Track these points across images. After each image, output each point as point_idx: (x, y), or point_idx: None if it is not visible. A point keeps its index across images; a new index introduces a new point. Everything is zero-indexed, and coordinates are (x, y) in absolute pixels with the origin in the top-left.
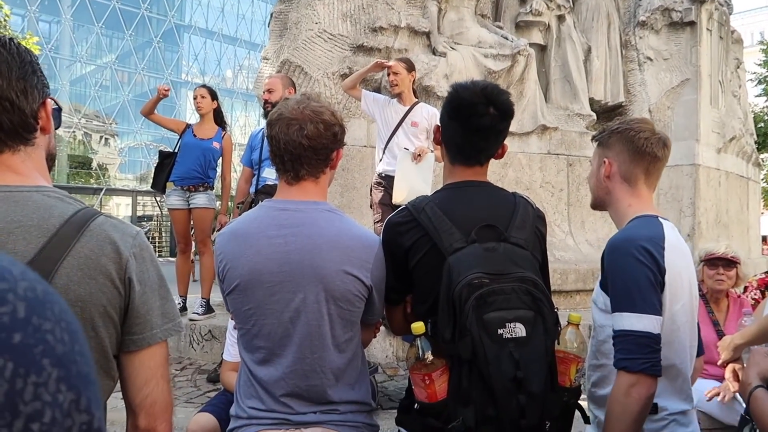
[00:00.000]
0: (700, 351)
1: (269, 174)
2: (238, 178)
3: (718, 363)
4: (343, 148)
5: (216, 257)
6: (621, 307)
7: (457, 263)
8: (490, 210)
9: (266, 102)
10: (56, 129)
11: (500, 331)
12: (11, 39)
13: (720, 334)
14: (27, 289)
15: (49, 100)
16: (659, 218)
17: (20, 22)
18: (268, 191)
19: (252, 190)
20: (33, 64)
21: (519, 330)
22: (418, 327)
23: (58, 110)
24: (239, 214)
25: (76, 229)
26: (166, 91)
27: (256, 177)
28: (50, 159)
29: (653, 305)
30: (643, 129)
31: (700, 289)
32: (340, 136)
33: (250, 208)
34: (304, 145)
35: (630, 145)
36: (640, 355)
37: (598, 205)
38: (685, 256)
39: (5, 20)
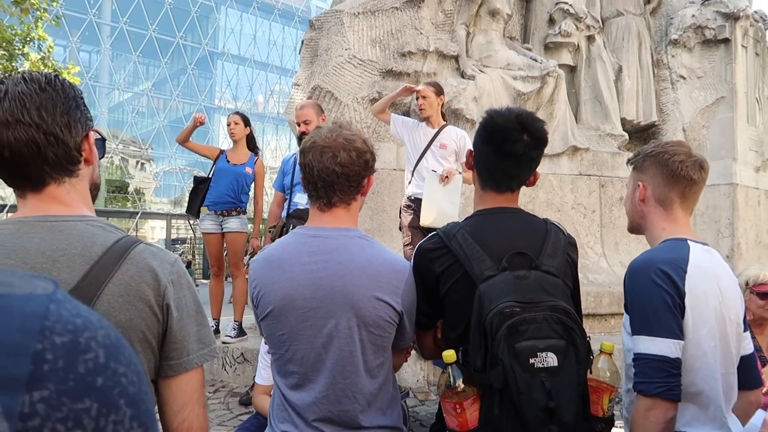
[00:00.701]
0: (758, 382)
1: (300, 199)
2: (270, 202)
3: (764, 391)
4: (374, 174)
5: (250, 283)
6: (638, 330)
7: (488, 291)
8: (521, 237)
9: (303, 134)
10: (100, 158)
11: (532, 361)
12: (56, 75)
13: (763, 360)
14: (104, 336)
15: (92, 132)
16: (689, 241)
17: (62, 53)
18: (299, 215)
19: (283, 214)
20: (77, 99)
21: (551, 359)
22: (449, 355)
23: (101, 141)
24: (271, 238)
25: (118, 257)
26: (202, 119)
27: (287, 201)
28: (94, 188)
29: (670, 329)
30: (678, 152)
31: None
32: (371, 164)
33: (282, 231)
34: (337, 172)
35: (664, 168)
36: (656, 378)
37: (634, 228)
38: (716, 280)
39: (49, 51)
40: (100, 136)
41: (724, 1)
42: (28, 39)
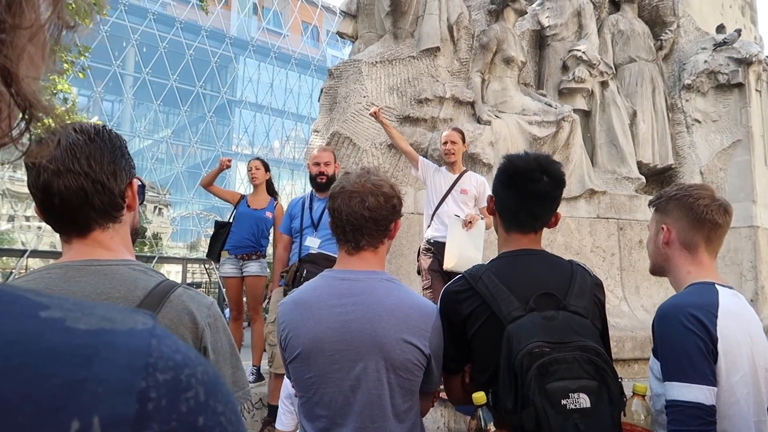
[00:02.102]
0: None
1: (311, 243)
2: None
3: None
4: (401, 218)
5: (278, 326)
6: (671, 377)
7: (516, 332)
8: (547, 278)
9: (319, 173)
10: (140, 204)
11: (564, 402)
12: (104, 126)
13: None
14: (203, 373)
15: (135, 180)
16: (716, 285)
17: (86, 102)
18: (312, 260)
19: (295, 258)
20: (122, 149)
21: (583, 400)
22: (479, 397)
23: (142, 187)
24: (286, 283)
25: (158, 300)
26: (228, 163)
27: (298, 245)
28: (134, 233)
29: (704, 375)
30: (703, 195)
31: None
32: (398, 208)
33: (295, 276)
34: (365, 216)
35: (689, 212)
36: (692, 426)
37: (657, 271)
38: (747, 325)
39: (73, 104)
40: (141, 183)
41: (735, 47)
42: (54, 92)
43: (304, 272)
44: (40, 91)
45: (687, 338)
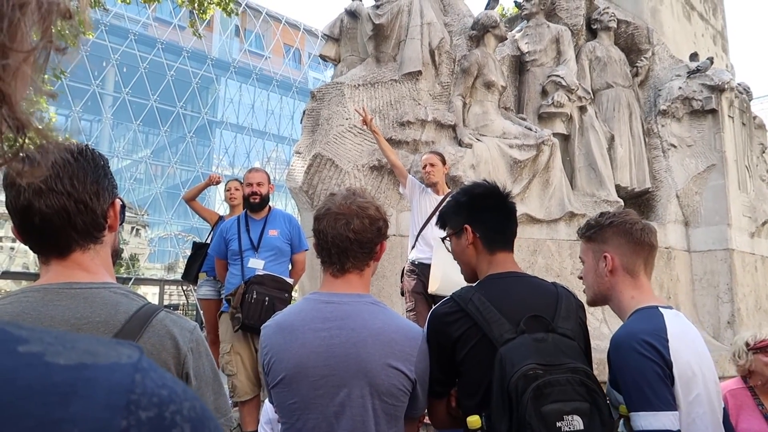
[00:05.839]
0: None
1: (256, 264)
2: None
3: None
4: (387, 240)
5: (261, 350)
6: (636, 407)
7: (509, 354)
8: (534, 300)
9: (255, 194)
10: (120, 224)
11: (558, 424)
12: (87, 145)
13: None
14: (190, 409)
15: (117, 200)
16: (659, 308)
17: (64, 121)
18: (260, 281)
19: (238, 280)
20: (105, 168)
21: (577, 423)
22: (473, 421)
23: (122, 207)
24: (233, 306)
25: (140, 325)
26: (217, 180)
27: (239, 268)
28: (115, 254)
29: (667, 401)
30: (635, 220)
31: (745, 381)
32: (384, 230)
33: (244, 298)
34: (350, 238)
35: (628, 237)
36: None
37: (597, 301)
38: (692, 344)
39: (50, 122)
40: (122, 203)
41: (708, 74)
42: (33, 111)
43: (254, 294)
44: (32, 112)
45: (645, 366)
